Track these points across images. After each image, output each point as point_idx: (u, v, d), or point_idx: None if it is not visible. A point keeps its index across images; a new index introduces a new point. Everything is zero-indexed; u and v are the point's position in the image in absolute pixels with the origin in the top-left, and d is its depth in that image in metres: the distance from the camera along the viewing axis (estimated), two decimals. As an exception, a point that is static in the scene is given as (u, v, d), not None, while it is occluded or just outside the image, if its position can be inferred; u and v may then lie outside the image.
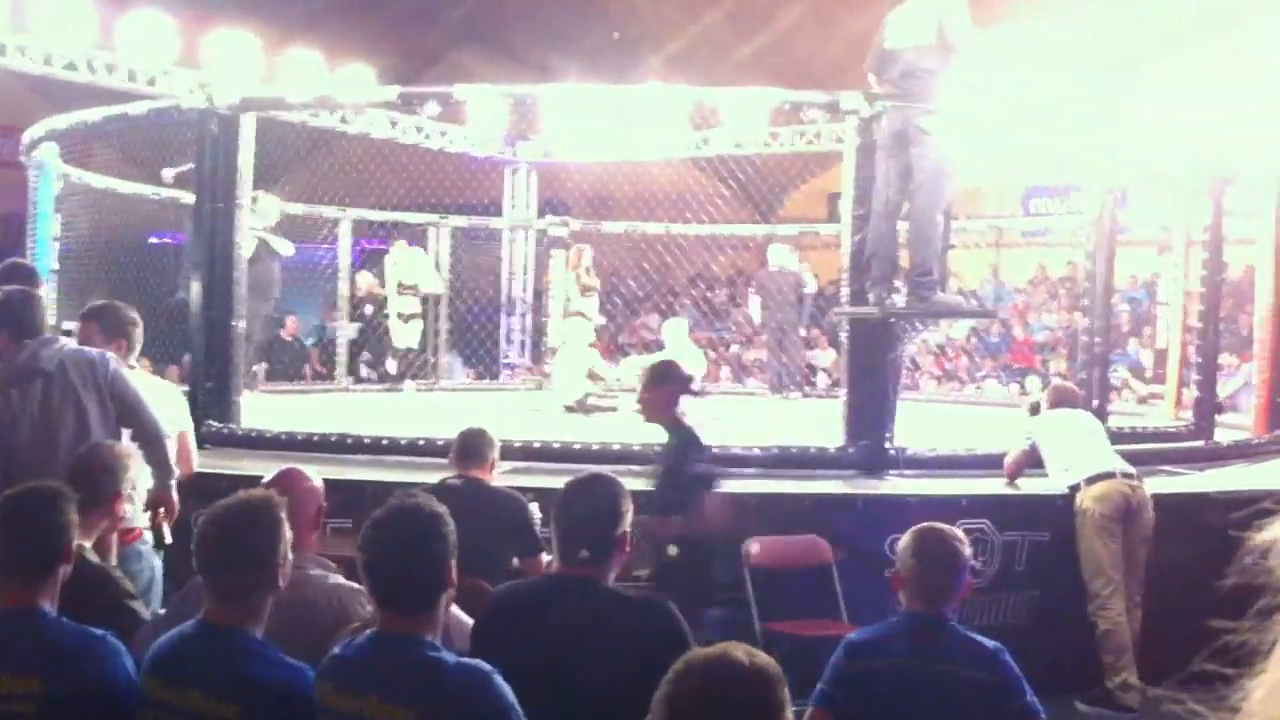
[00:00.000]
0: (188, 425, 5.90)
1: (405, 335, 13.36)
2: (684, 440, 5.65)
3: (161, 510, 4.92)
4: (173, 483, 4.99)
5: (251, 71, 13.22)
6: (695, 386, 10.84)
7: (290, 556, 3.09)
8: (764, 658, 2.26)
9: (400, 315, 13.35)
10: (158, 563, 4.99)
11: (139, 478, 4.45)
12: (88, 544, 3.81)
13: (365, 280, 14.22)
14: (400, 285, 13.28)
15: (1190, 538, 7.05)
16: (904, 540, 3.71)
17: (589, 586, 3.32)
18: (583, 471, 3.62)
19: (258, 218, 9.75)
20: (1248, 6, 11.21)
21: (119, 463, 4.23)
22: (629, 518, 3.45)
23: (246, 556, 2.98)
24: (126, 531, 4.71)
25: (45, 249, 10.63)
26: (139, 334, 5.60)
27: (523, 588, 3.62)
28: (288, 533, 3.07)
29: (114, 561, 4.36)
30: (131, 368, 5.42)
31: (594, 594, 3.30)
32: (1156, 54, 10.32)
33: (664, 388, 5.73)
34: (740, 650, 2.25)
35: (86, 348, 5.11)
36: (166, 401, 5.56)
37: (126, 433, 4.98)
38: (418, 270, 13.45)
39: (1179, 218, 10.53)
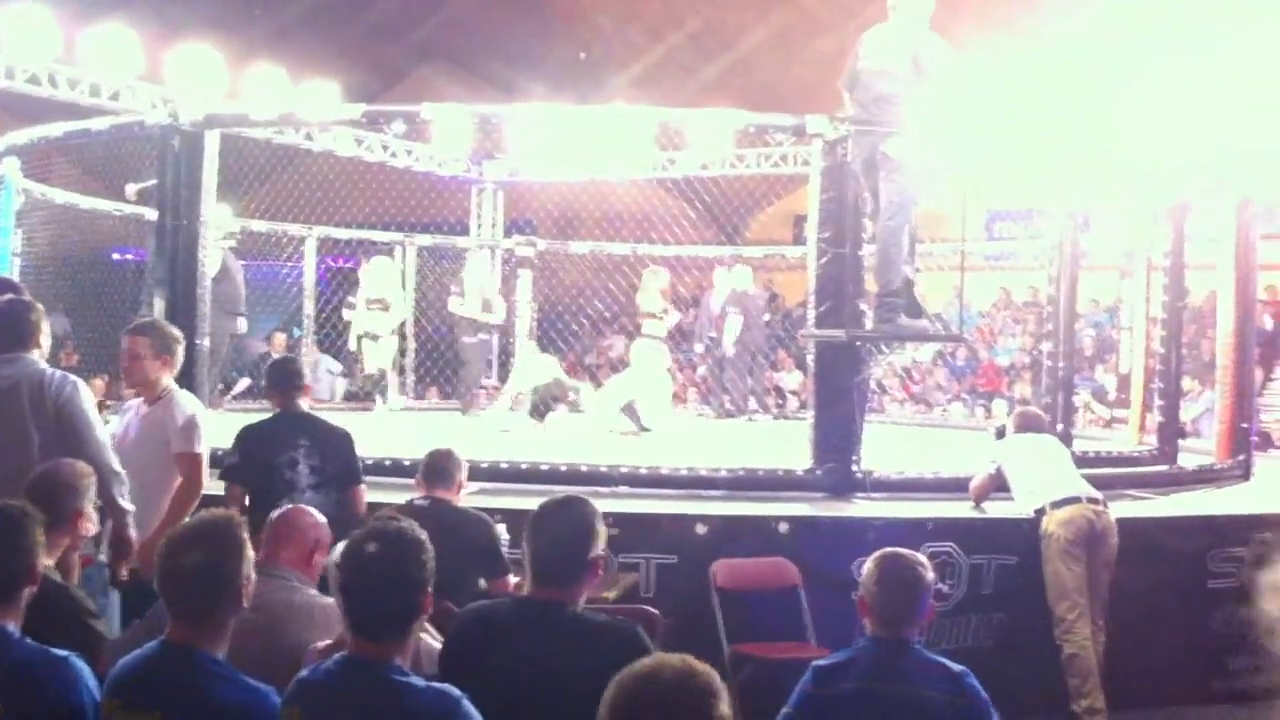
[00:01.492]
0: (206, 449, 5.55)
1: (375, 356, 13.06)
2: None
3: (121, 548, 4.84)
4: (128, 520, 4.87)
5: (215, 87, 13.15)
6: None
7: (253, 576, 3.06)
8: (702, 668, 2.27)
9: (369, 335, 13.03)
10: (113, 596, 4.90)
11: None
12: (50, 563, 3.75)
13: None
14: (368, 301, 12.93)
15: (1154, 562, 7.12)
16: (867, 566, 3.73)
17: (558, 610, 3.29)
18: (556, 494, 3.60)
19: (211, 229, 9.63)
20: (1215, 30, 11.36)
21: (80, 481, 4.17)
22: (602, 541, 3.42)
23: (208, 577, 2.95)
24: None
25: (5, 264, 10.51)
26: (181, 350, 5.52)
27: (490, 609, 3.59)
28: (249, 552, 3.05)
29: (75, 581, 4.30)
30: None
31: (563, 618, 3.27)
32: (1120, 77, 10.42)
33: None
34: (676, 661, 2.26)
35: (48, 369, 4.94)
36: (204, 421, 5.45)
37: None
38: (386, 283, 13.04)
39: (1140, 243, 10.62)
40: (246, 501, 5.48)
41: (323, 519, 4.17)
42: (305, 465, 5.53)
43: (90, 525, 4.24)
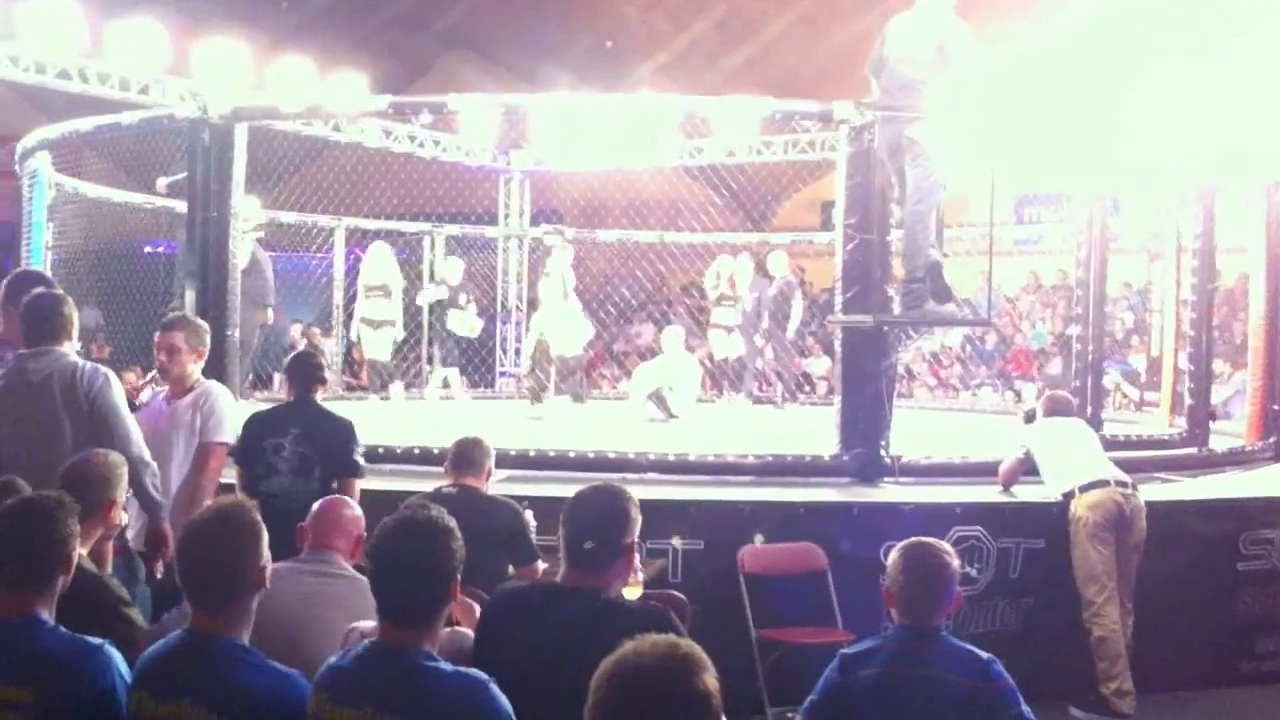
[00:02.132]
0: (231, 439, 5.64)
1: (375, 345, 13.00)
2: None
3: (157, 546, 4.90)
4: (163, 515, 4.92)
5: (242, 79, 13.21)
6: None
7: (270, 560, 3.09)
8: (685, 643, 2.29)
9: (368, 321, 12.95)
10: (146, 593, 4.94)
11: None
12: (84, 552, 3.80)
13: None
14: (367, 288, 12.85)
15: (1184, 545, 7.10)
16: (892, 557, 3.72)
17: (591, 596, 3.32)
18: (591, 481, 3.63)
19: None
20: (1241, 18, 11.25)
21: (113, 471, 4.21)
22: (636, 528, 3.45)
23: (226, 564, 2.98)
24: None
25: (39, 258, 10.61)
26: (209, 342, 5.64)
27: (523, 593, 3.63)
28: (264, 535, 3.08)
29: (109, 570, 4.35)
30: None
31: (595, 602, 3.30)
32: (1150, 60, 10.33)
33: None
34: (661, 638, 2.28)
35: (80, 361, 4.98)
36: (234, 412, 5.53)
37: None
38: (386, 270, 12.92)
39: (1170, 225, 10.56)
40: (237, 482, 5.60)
41: (359, 511, 4.23)
42: (290, 451, 5.60)
43: (122, 515, 4.29)
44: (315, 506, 4.21)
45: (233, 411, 5.48)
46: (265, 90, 13.32)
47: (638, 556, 4.04)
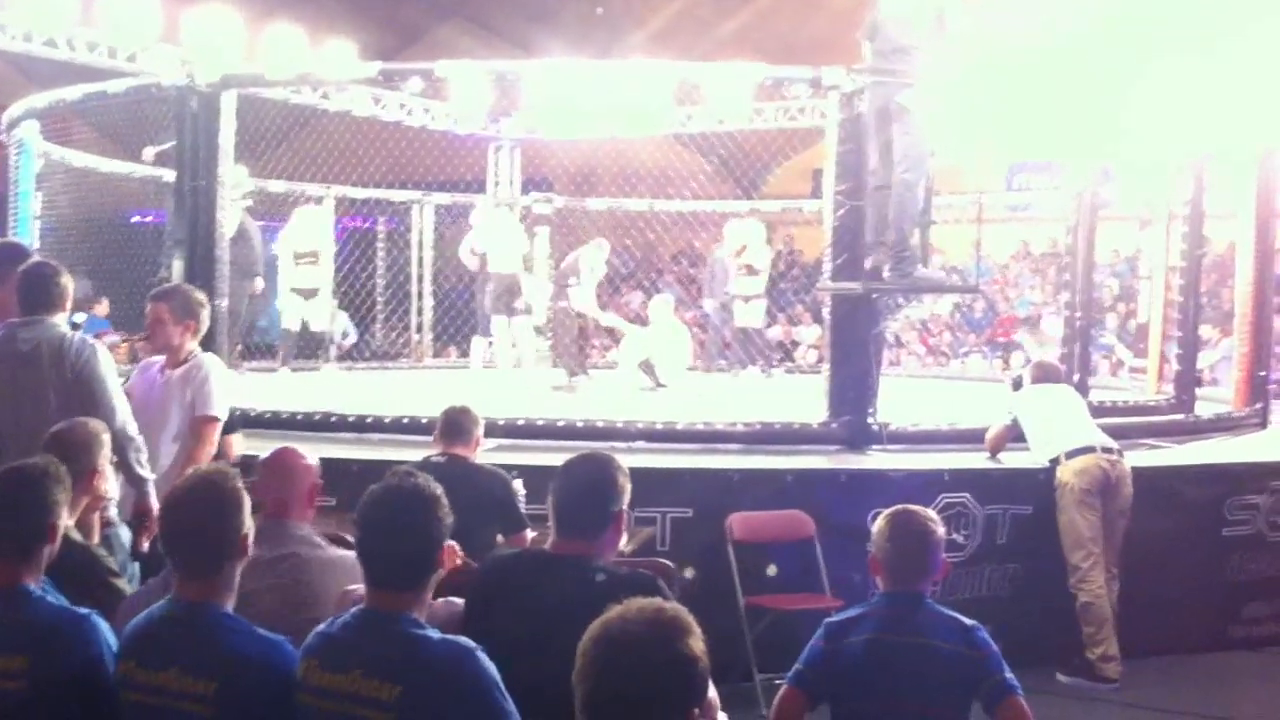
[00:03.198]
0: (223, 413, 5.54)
1: (311, 314, 12.63)
2: None
3: (144, 519, 4.89)
4: (149, 489, 4.92)
5: (233, 48, 13.15)
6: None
7: (252, 526, 3.10)
8: (671, 606, 2.31)
9: (297, 290, 12.53)
10: (127, 538, 4.94)
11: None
12: (70, 523, 3.81)
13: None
14: (296, 255, 12.43)
15: (1170, 510, 7.14)
16: (877, 524, 3.73)
17: (582, 562, 3.34)
18: (579, 449, 3.66)
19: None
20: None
21: (94, 439, 4.20)
22: (625, 495, 3.48)
23: (210, 532, 2.99)
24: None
25: (26, 228, 10.58)
26: (207, 315, 5.60)
27: (513, 560, 3.65)
28: (247, 501, 3.09)
29: (95, 540, 4.36)
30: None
31: (586, 570, 3.32)
32: (1144, 31, 10.31)
33: None
34: (646, 602, 2.30)
35: (69, 333, 4.98)
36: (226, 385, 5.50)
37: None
38: (315, 235, 12.31)
39: (1160, 193, 10.56)
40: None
41: (314, 459, 4.22)
42: None
43: (107, 483, 4.29)
44: (263, 461, 4.18)
45: (225, 385, 5.46)
46: (256, 59, 13.27)
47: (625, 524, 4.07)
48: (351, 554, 3.82)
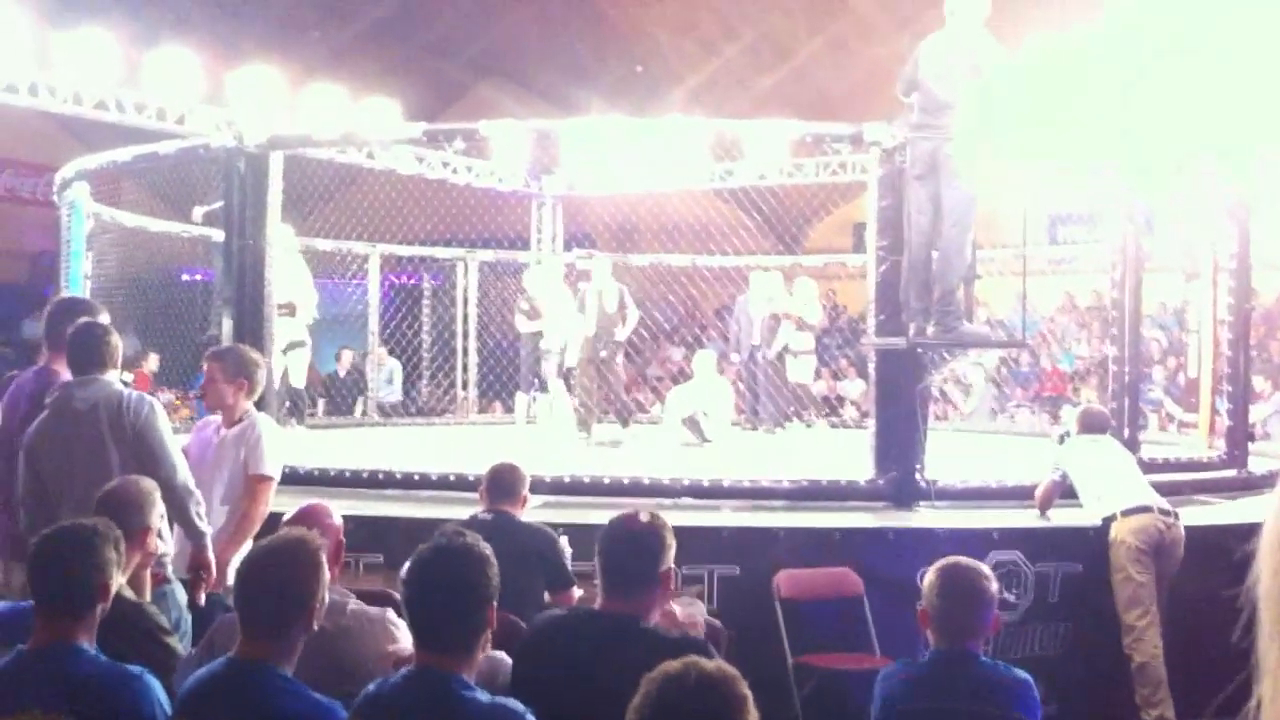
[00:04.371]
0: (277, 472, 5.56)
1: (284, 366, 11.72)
2: None
3: (200, 572, 4.91)
4: (207, 543, 4.95)
5: (277, 107, 13.32)
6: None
7: (326, 599, 3.11)
8: (731, 673, 2.29)
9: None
10: (184, 601, 4.96)
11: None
12: (122, 580, 3.82)
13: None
14: (278, 306, 11.65)
15: (1224, 569, 7.01)
16: (928, 577, 3.68)
17: (630, 624, 3.32)
18: (626, 507, 3.65)
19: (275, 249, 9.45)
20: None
21: (146, 497, 4.24)
22: (672, 554, 3.45)
23: (286, 595, 3.00)
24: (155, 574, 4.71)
25: (77, 286, 10.73)
26: (261, 375, 5.65)
27: (562, 620, 3.63)
28: (326, 574, 3.10)
29: (147, 598, 4.37)
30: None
31: (634, 632, 3.29)
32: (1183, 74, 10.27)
33: None
34: (707, 665, 2.29)
35: (125, 390, 5.06)
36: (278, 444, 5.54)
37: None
38: (290, 283, 10.86)
39: (1205, 244, 10.48)
40: None
41: (337, 519, 4.25)
42: None
43: (158, 542, 4.32)
44: (289, 519, 4.17)
45: (277, 444, 5.50)
46: (299, 118, 13.44)
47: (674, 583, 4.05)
48: (379, 610, 3.82)
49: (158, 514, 4.32)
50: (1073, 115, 8.56)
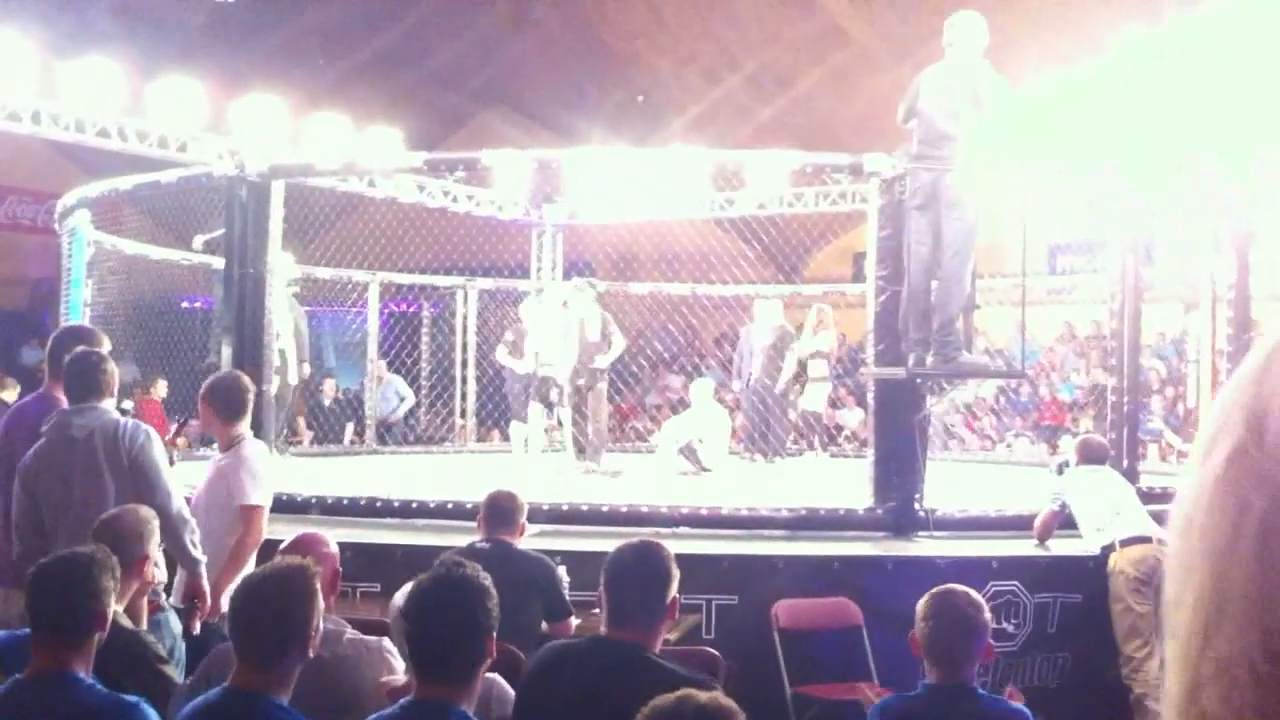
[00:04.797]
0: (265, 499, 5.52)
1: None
2: None
3: (195, 601, 4.91)
4: (201, 571, 4.94)
5: (279, 136, 13.38)
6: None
7: (322, 627, 3.11)
8: (728, 705, 2.29)
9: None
10: (178, 630, 4.95)
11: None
12: (119, 609, 3.82)
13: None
14: None
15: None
16: (920, 604, 3.68)
17: (634, 652, 3.32)
18: (630, 537, 3.66)
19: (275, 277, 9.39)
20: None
21: (145, 526, 4.24)
22: (676, 584, 3.46)
23: (282, 623, 3.00)
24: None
25: (77, 314, 10.74)
26: (249, 399, 5.57)
27: (568, 648, 3.63)
28: (321, 602, 3.09)
29: (144, 626, 4.37)
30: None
31: (639, 662, 3.29)
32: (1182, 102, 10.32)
33: None
34: (703, 697, 2.29)
35: (123, 418, 5.07)
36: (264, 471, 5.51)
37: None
38: (285, 334, 10.64)
39: (1204, 274, 10.50)
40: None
41: (333, 546, 4.24)
42: None
43: (156, 570, 4.31)
44: (284, 548, 4.17)
45: (266, 472, 5.48)
46: (301, 146, 13.49)
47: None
48: (375, 639, 3.81)
49: (155, 543, 4.32)
50: (1072, 121, 8.61)
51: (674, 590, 3.45)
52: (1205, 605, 0.71)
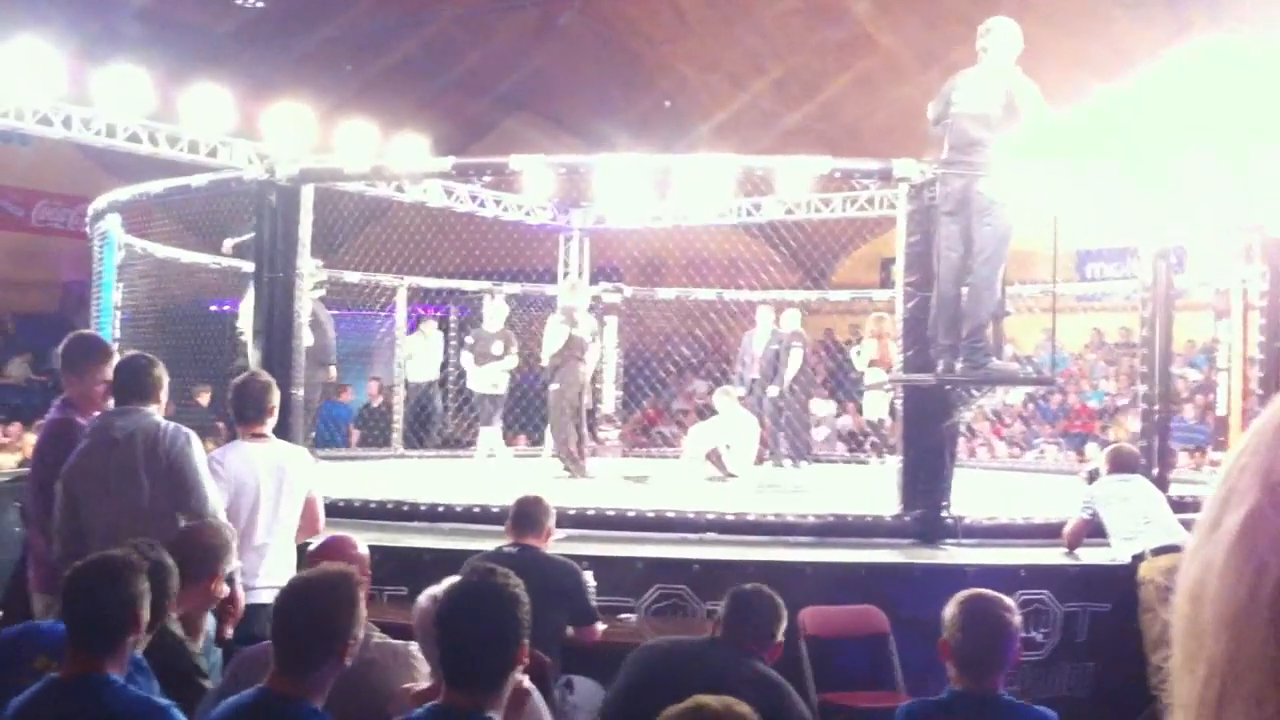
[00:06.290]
0: (317, 489, 5.68)
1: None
2: None
3: (227, 606, 4.92)
4: (236, 577, 4.88)
5: (308, 141, 13.43)
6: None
7: (360, 636, 3.10)
8: (743, 709, 2.28)
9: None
10: (217, 654, 4.96)
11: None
12: (175, 615, 3.83)
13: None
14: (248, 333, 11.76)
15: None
16: (950, 609, 3.62)
17: (740, 655, 3.81)
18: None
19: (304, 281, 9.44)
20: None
21: (224, 547, 4.26)
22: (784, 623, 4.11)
23: (324, 629, 2.99)
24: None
25: (108, 316, 10.81)
26: (272, 399, 5.65)
27: (671, 646, 4.18)
28: (363, 612, 3.08)
29: (200, 641, 4.34)
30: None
31: (740, 663, 3.52)
32: (1213, 112, 10.29)
33: None
34: (716, 703, 2.29)
35: (164, 421, 5.06)
36: (298, 465, 5.57)
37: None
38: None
39: (1234, 281, 10.42)
40: None
41: (364, 548, 4.27)
42: None
43: (222, 589, 4.32)
44: (314, 551, 4.19)
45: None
46: (330, 152, 13.54)
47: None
48: (402, 643, 3.80)
49: (228, 564, 4.33)
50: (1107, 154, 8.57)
51: (781, 629, 4.13)
52: (1219, 675, 0.70)
